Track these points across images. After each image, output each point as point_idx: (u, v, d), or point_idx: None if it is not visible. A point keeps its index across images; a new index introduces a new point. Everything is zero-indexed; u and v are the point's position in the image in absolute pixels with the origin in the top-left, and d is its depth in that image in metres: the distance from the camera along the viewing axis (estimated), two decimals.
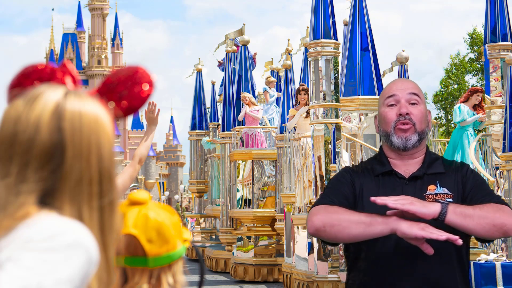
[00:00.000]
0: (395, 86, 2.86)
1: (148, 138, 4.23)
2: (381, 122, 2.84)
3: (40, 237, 1.01)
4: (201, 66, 21.51)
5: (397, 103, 2.81)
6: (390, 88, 2.86)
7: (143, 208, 1.64)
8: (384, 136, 2.83)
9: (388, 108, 2.82)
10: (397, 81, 2.94)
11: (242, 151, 15.32)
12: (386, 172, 2.79)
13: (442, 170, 2.78)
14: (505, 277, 8.87)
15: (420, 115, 2.79)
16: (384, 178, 2.78)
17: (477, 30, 35.69)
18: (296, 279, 11.65)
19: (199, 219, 21.09)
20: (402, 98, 2.80)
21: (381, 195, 2.63)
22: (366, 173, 2.82)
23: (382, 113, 2.83)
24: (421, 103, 2.83)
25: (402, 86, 2.85)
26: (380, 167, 2.81)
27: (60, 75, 1.15)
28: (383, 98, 2.86)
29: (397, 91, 2.83)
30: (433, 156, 2.86)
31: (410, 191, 2.70)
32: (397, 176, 2.77)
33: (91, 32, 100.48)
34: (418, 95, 2.82)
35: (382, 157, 2.84)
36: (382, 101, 2.86)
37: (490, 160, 11.79)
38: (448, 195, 2.71)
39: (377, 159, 2.86)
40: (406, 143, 2.76)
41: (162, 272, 1.62)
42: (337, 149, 10.37)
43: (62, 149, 1.06)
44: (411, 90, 2.83)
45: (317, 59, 10.56)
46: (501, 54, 11.60)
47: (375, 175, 2.79)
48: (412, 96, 2.81)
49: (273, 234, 14.67)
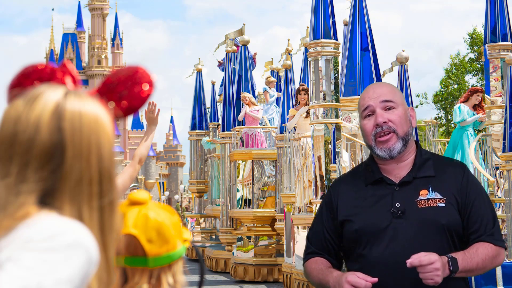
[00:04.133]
0: (367, 96, 2.82)
1: (148, 138, 4.22)
2: (362, 134, 2.85)
3: (40, 237, 1.01)
4: (201, 66, 21.50)
5: (373, 113, 2.78)
6: (364, 99, 2.83)
7: (143, 208, 1.64)
8: (369, 148, 2.83)
9: (366, 120, 2.80)
10: (369, 89, 2.87)
11: (242, 151, 15.32)
12: (376, 180, 2.79)
13: (433, 173, 2.76)
14: (505, 277, 8.87)
15: (399, 119, 2.75)
16: (374, 186, 2.78)
17: (477, 30, 35.69)
18: (296, 279, 11.65)
19: (199, 219, 21.08)
20: (377, 107, 2.77)
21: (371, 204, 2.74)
22: (358, 182, 2.83)
23: (362, 126, 2.83)
24: (398, 106, 2.78)
25: (374, 94, 2.80)
26: (370, 175, 2.81)
27: (60, 75, 1.15)
28: (360, 110, 2.84)
29: (370, 100, 2.79)
30: (424, 156, 2.82)
31: (401, 197, 2.71)
32: (387, 182, 2.77)
33: (91, 32, 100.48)
34: (391, 100, 2.78)
35: (372, 165, 2.84)
36: (360, 113, 2.84)
37: (490, 160, 11.78)
38: (440, 199, 2.70)
39: (367, 166, 2.86)
40: (391, 153, 2.74)
41: (162, 272, 1.62)
42: (337, 149, 10.37)
43: (62, 149, 1.06)
44: (384, 97, 2.78)
45: (317, 59, 10.55)
46: (501, 54, 11.59)
47: (366, 185, 2.80)
48: (386, 104, 2.77)
49: (273, 234, 14.67)
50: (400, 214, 2.68)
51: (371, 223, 2.71)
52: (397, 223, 2.68)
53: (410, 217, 2.68)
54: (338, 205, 2.82)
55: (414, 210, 2.69)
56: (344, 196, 2.83)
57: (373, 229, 2.70)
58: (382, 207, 2.72)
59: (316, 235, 2.90)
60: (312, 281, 2.88)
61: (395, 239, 2.67)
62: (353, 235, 2.75)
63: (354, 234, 2.74)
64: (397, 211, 2.69)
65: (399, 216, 2.68)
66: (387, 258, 2.65)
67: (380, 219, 2.70)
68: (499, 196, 10.38)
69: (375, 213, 2.72)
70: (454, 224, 2.69)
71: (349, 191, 2.83)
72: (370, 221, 2.71)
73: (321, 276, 2.77)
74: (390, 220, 2.69)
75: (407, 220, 2.68)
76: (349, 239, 2.77)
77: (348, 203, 2.80)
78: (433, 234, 2.67)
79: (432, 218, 2.67)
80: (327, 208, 2.88)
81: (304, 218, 11.27)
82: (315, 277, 2.82)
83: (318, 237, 2.89)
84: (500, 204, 10.26)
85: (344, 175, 3.09)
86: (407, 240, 2.65)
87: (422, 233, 2.67)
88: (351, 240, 2.76)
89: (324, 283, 2.74)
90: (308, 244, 2.94)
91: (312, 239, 2.92)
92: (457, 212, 2.70)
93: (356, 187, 2.82)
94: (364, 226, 2.72)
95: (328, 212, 2.86)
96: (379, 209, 2.72)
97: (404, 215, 2.68)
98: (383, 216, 2.70)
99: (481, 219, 2.71)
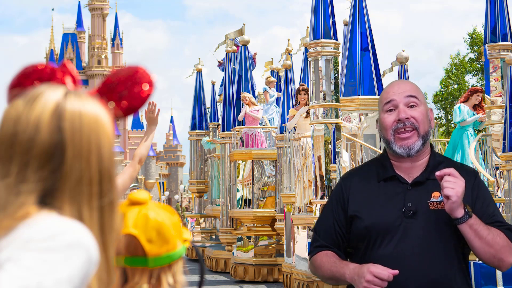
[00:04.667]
0: (392, 90, 2.79)
1: (148, 138, 4.22)
2: (381, 128, 2.80)
3: (40, 237, 1.01)
4: (201, 66, 21.50)
5: (395, 108, 2.74)
6: (387, 93, 2.79)
7: (143, 208, 1.63)
8: (386, 143, 2.78)
9: (387, 114, 2.76)
10: (394, 84, 2.86)
11: (242, 151, 15.32)
12: (389, 177, 2.76)
13: None
14: (505, 277, 8.87)
15: (422, 117, 2.73)
16: (386, 184, 2.75)
17: (477, 30, 35.68)
18: (296, 279, 11.65)
19: (199, 219, 21.07)
20: (400, 102, 2.74)
21: (383, 202, 2.70)
22: (370, 177, 2.79)
23: (381, 119, 2.78)
24: (421, 104, 2.76)
25: (399, 90, 2.77)
26: (383, 172, 2.78)
27: (60, 75, 1.15)
28: (381, 104, 2.80)
29: (394, 95, 2.76)
30: (438, 159, 2.80)
31: (413, 197, 2.69)
32: (400, 181, 2.73)
33: (91, 32, 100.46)
34: (416, 96, 2.76)
35: (385, 161, 2.80)
36: (381, 107, 2.80)
37: (490, 160, 11.78)
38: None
39: (381, 162, 2.82)
40: (410, 151, 2.71)
41: (162, 272, 1.62)
42: (337, 149, 10.37)
43: (62, 149, 1.06)
44: (409, 92, 2.76)
45: (317, 59, 10.55)
46: (501, 54, 11.59)
47: (378, 181, 2.76)
48: (410, 99, 2.74)
49: (273, 234, 14.67)
50: (411, 214, 2.66)
51: (382, 221, 2.67)
52: (408, 223, 2.65)
53: (421, 218, 2.65)
54: (349, 199, 2.78)
55: (425, 211, 2.66)
56: (356, 190, 2.78)
57: (383, 228, 2.67)
58: (394, 205, 2.69)
59: (325, 227, 2.84)
60: (322, 275, 2.81)
61: (405, 239, 2.64)
62: (362, 231, 2.71)
63: (363, 231, 2.71)
64: (408, 211, 2.66)
65: (411, 216, 2.66)
66: (395, 258, 2.62)
67: (391, 218, 2.67)
68: (499, 196, 10.38)
69: (387, 211, 2.69)
70: None
71: (361, 185, 2.79)
72: (381, 219, 2.68)
73: (334, 269, 2.71)
74: (401, 219, 2.66)
75: (418, 220, 2.65)
76: (358, 236, 2.74)
77: (359, 198, 2.76)
78: (443, 236, 2.65)
79: (443, 221, 2.63)
80: (337, 201, 2.82)
81: (304, 218, 11.27)
82: (327, 270, 2.75)
83: (327, 229, 2.82)
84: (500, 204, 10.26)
85: (356, 169, 3.05)
86: (417, 241, 2.63)
87: (432, 235, 2.64)
88: (360, 236, 2.73)
89: (338, 276, 2.68)
90: (316, 237, 2.87)
91: (321, 232, 2.86)
92: None
93: (368, 183, 2.78)
94: (374, 223, 2.69)
95: (338, 205, 2.81)
96: (390, 208, 2.69)
97: (416, 216, 2.66)
98: (394, 214, 2.67)
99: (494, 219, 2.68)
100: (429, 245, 2.63)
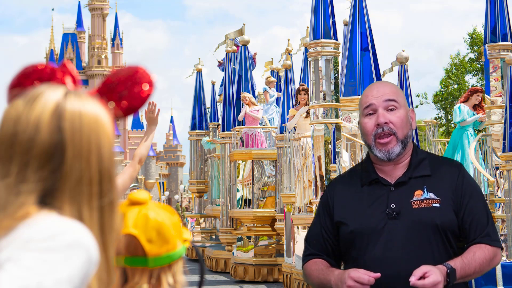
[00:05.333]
0: (371, 94, 2.79)
1: (148, 138, 4.22)
2: (362, 133, 2.81)
3: (40, 237, 1.01)
4: (201, 66, 21.51)
5: (375, 112, 2.74)
6: (367, 97, 2.79)
7: (143, 208, 1.64)
8: (367, 147, 2.80)
9: (367, 118, 2.76)
10: (373, 87, 2.84)
11: (242, 151, 15.32)
12: (371, 180, 2.77)
13: (428, 172, 2.74)
14: (505, 277, 8.87)
15: (400, 121, 2.72)
16: (370, 187, 2.76)
17: (477, 30, 35.68)
18: (296, 279, 11.65)
19: (199, 219, 21.08)
20: (379, 106, 2.74)
21: (366, 206, 2.72)
22: (354, 183, 2.81)
23: (362, 124, 2.79)
24: (400, 107, 2.75)
25: (378, 93, 2.77)
26: (366, 175, 2.79)
27: (60, 75, 1.15)
28: (361, 107, 2.80)
29: (373, 99, 2.76)
30: (420, 156, 2.79)
31: (397, 198, 2.70)
32: (382, 183, 2.74)
33: (91, 32, 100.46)
34: (395, 100, 2.75)
35: (368, 165, 2.82)
36: (361, 111, 2.80)
37: (490, 160, 11.78)
38: (435, 200, 2.68)
39: (364, 166, 2.83)
40: (389, 155, 2.72)
41: (162, 272, 1.62)
42: (337, 149, 10.37)
43: (62, 149, 1.06)
44: (388, 96, 2.75)
45: (317, 59, 10.55)
46: (501, 54, 11.59)
47: (362, 185, 2.78)
48: (389, 103, 2.74)
49: (273, 234, 14.67)
50: (395, 215, 2.67)
51: (366, 225, 2.69)
52: (392, 224, 2.66)
53: (405, 218, 2.66)
54: (334, 206, 2.81)
55: (408, 211, 2.67)
56: (340, 197, 2.81)
57: (368, 231, 2.68)
58: (378, 208, 2.70)
59: (314, 236, 2.88)
60: (312, 283, 2.84)
61: (391, 241, 2.65)
62: (348, 237, 2.74)
63: (349, 235, 2.73)
64: (392, 212, 2.67)
65: (394, 217, 2.67)
66: (382, 260, 2.63)
67: (375, 221, 2.68)
68: (499, 196, 10.38)
69: (370, 214, 2.70)
70: (449, 224, 2.67)
71: (345, 191, 2.81)
72: (365, 223, 2.70)
73: (321, 276, 2.75)
74: (385, 221, 2.67)
75: (402, 221, 2.66)
76: (345, 241, 2.77)
77: (343, 204, 2.79)
78: (428, 234, 2.66)
79: (426, 219, 2.65)
80: (324, 209, 2.86)
81: (304, 218, 11.27)
82: (315, 278, 2.79)
83: (316, 238, 2.86)
84: (500, 204, 10.27)
85: (342, 175, 3.07)
86: (403, 242, 2.64)
87: (417, 234, 2.65)
88: (347, 241, 2.75)
89: (325, 283, 2.72)
90: (307, 246, 2.92)
91: (311, 241, 2.90)
92: (452, 211, 2.68)
93: (352, 188, 2.80)
94: (359, 227, 2.71)
95: (325, 212, 2.84)
96: (374, 211, 2.70)
97: (399, 216, 2.66)
98: (378, 217, 2.68)
99: (476, 219, 2.69)
100: (416, 244, 2.64)
